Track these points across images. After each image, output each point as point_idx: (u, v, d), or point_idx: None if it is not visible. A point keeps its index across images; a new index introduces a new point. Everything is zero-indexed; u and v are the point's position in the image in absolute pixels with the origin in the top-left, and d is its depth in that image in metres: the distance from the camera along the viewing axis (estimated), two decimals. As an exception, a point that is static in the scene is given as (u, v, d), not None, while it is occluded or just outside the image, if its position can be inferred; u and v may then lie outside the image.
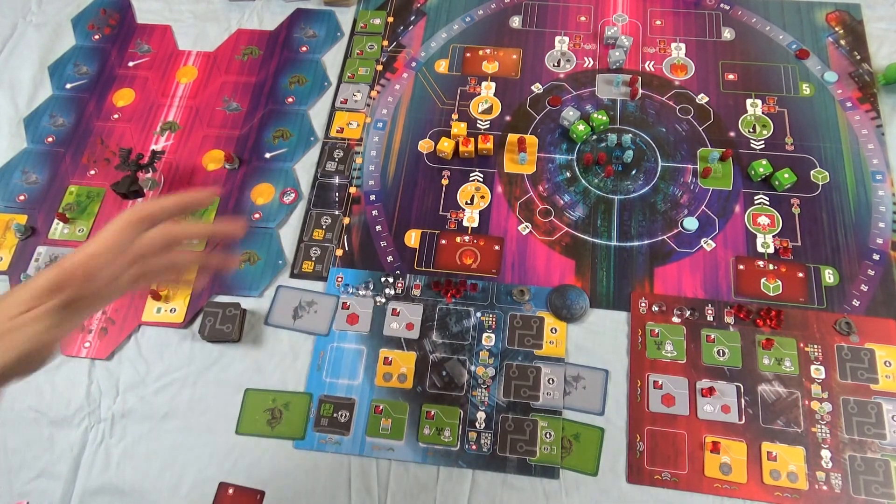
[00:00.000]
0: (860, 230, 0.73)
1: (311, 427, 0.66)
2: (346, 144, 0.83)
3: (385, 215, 0.77)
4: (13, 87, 0.90)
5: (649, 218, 0.75)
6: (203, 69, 0.90)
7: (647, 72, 0.85)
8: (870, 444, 0.62)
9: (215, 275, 0.74)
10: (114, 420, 0.68)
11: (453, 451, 0.64)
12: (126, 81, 0.90)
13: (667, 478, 0.62)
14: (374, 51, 0.90)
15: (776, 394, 0.65)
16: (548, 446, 0.64)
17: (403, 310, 0.71)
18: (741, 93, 0.83)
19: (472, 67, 0.87)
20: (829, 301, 0.69)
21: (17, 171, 0.83)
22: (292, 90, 0.87)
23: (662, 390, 0.65)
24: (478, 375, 0.67)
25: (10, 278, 0.76)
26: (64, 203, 0.80)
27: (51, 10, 0.97)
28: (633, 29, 0.89)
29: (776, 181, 0.75)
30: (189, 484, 0.65)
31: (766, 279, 0.70)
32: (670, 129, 0.81)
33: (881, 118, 0.79)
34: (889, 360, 0.65)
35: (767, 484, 0.61)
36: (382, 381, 0.68)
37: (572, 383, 0.67)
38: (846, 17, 0.87)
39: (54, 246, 0.77)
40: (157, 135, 0.85)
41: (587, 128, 0.80)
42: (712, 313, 0.69)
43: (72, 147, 0.85)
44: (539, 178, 0.79)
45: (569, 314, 0.70)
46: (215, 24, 0.94)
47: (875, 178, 0.76)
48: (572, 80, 0.85)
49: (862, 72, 0.82)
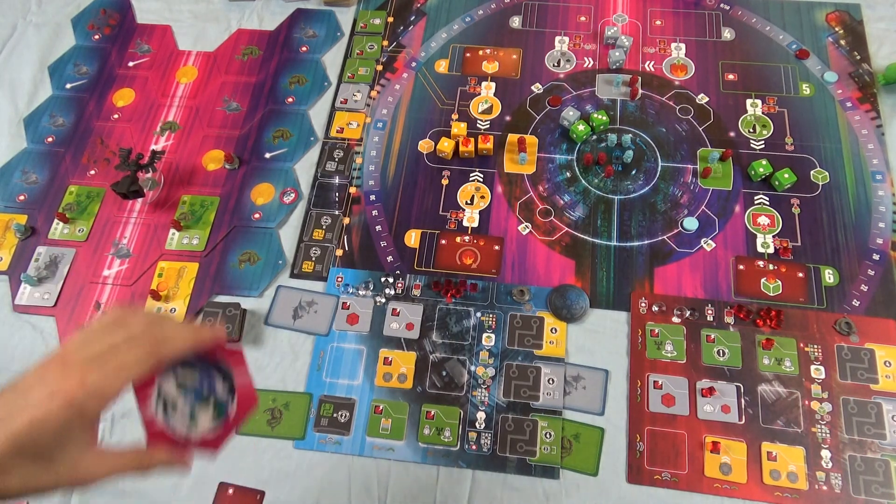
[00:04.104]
0: (860, 230, 0.73)
1: (311, 427, 0.66)
2: (346, 144, 0.83)
3: (385, 215, 0.77)
4: (13, 87, 0.90)
5: (649, 218, 0.75)
6: (203, 69, 0.90)
7: (647, 72, 0.85)
8: (870, 444, 0.62)
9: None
10: (114, 420, 0.68)
11: (453, 451, 0.64)
12: (126, 81, 0.90)
13: (667, 478, 0.62)
14: (374, 51, 0.90)
15: (776, 394, 0.65)
16: (548, 446, 0.64)
17: (403, 310, 0.71)
18: (741, 93, 0.83)
19: (472, 67, 0.87)
20: (829, 301, 0.69)
21: (17, 171, 0.83)
22: (292, 90, 0.87)
23: (662, 390, 0.65)
24: (478, 375, 0.67)
25: (10, 278, 0.76)
26: (64, 203, 0.80)
27: (51, 10, 0.97)
28: (633, 29, 0.89)
29: (776, 181, 0.75)
30: (189, 484, 0.65)
31: (766, 279, 0.70)
32: (670, 129, 0.81)
33: (881, 118, 0.79)
34: (889, 360, 0.65)
35: (767, 484, 0.61)
36: (382, 381, 0.68)
37: (572, 383, 0.67)
38: (846, 17, 0.87)
39: (54, 246, 0.77)
40: (157, 135, 0.85)
41: (587, 128, 0.80)
42: (712, 313, 0.69)
43: (72, 147, 0.85)
44: (539, 178, 0.79)
45: (569, 314, 0.70)
46: (215, 24, 0.94)
47: (875, 178, 0.76)
48: (572, 80, 0.85)
49: (862, 72, 0.82)
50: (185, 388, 0.41)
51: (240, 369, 0.41)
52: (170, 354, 0.38)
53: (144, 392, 0.39)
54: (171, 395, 0.40)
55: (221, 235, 0.77)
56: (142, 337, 0.36)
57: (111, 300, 0.74)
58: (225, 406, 0.41)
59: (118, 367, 0.35)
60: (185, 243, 0.76)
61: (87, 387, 0.33)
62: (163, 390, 0.40)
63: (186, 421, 0.40)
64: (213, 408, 0.41)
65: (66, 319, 0.73)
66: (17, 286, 0.75)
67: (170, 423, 0.39)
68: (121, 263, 0.76)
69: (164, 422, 0.39)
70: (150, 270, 0.75)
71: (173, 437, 0.39)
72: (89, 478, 0.35)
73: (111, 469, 0.36)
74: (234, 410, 0.41)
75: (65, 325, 0.73)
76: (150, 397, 0.39)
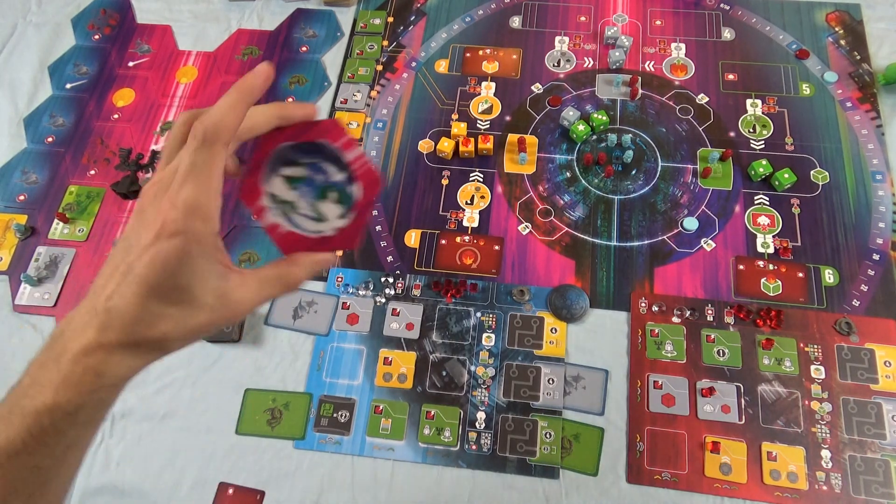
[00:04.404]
0: (860, 230, 0.73)
1: (311, 427, 0.66)
2: (346, 144, 0.83)
3: (385, 215, 0.77)
4: (13, 87, 0.90)
5: (649, 218, 0.75)
6: (203, 69, 0.90)
7: (647, 72, 0.85)
8: (870, 444, 0.62)
9: None
10: (114, 420, 0.68)
11: (453, 451, 0.64)
12: (126, 81, 0.90)
13: (667, 478, 0.62)
14: (374, 51, 0.90)
15: (776, 394, 0.65)
16: (548, 446, 0.64)
17: (403, 310, 0.71)
18: (741, 93, 0.83)
19: (472, 67, 0.87)
20: (829, 301, 0.69)
21: (17, 171, 0.83)
22: (292, 90, 0.87)
23: (662, 390, 0.65)
24: (478, 375, 0.67)
25: (9, 278, 0.76)
26: (64, 203, 0.80)
27: (51, 10, 0.97)
28: (633, 29, 0.89)
29: (776, 181, 0.75)
30: (189, 484, 0.65)
31: (766, 279, 0.70)
32: (670, 129, 0.81)
33: (881, 118, 0.79)
34: (889, 360, 0.65)
35: (767, 484, 0.61)
36: (382, 381, 0.68)
37: (572, 383, 0.67)
38: (846, 17, 0.87)
39: (54, 246, 0.77)
40: (157, 135, 0.85)
41: (587, 128, 0.80)
42: (712, 313, 0.69)
43: (72, 147, 0.85)
44: (539, 178, 0.79)
45: (569, 314, 0.70)
46: (215, 24, 0.94)
47: (875, 178, 0.76)
48: (572, 80, 0.85)
49: (862, 72, 0.82)
50: (295, 184, 0.36)
51: (347, 145, 0.35)
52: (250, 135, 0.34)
53: (254, 203, 0.35)
54: (285, 197, 0.35)
55: (222, 235, 0.77)
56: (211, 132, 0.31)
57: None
58: (347, 192, 0.36)
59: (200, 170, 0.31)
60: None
61: (182, 207, 0.30)
62: (275, 195, 0.35)
63: (312, 217, 0.35)
64: (337, 197, 0.36)
65: (66, 319, 0.73)
66: (17, 286, 0.75)
67: (296, 226, 0.35)
68: (121, 263, 0.76)
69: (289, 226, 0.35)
70: (150, 270, 0.75)
71: (306, 238, 0.35)
72: (241, 305, 0.33)
73: (259, 291, 0.34)
74: (359, 193, 0.35)
75: (65, 325, 0.72)
76: (265, 207, 0.35)
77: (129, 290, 0.30)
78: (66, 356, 0.30)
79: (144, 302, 0.30)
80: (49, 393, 0.30)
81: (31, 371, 0.31)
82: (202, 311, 0.32)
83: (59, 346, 0.31)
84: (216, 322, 0.32)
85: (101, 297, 0.31)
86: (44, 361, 0.31)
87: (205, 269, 0.31)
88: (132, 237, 0.31)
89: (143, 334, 0.31)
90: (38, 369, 0.31)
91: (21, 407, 0.30)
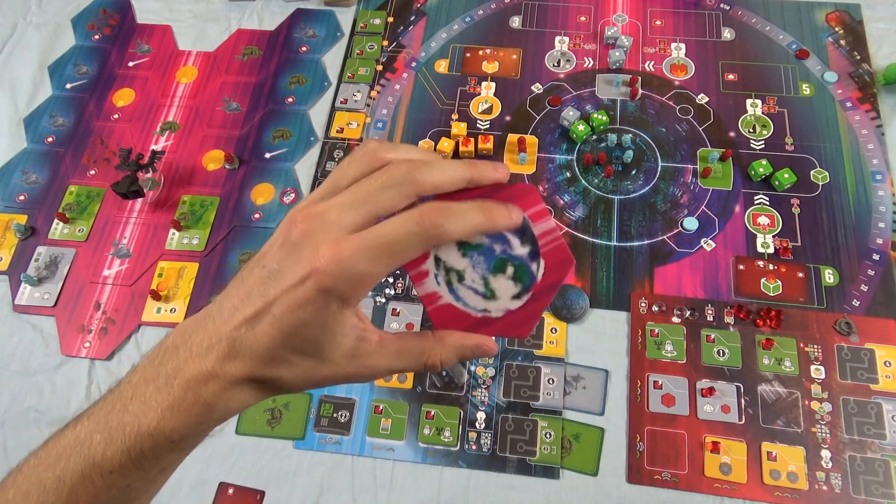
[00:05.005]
0: (860, 230, 0.73)
1: (311, 427, 0.66)
2: (347, 144, 0.83)
3: (385, 215, 0.77)
4: (13, 87, 0.90)
5: (649, 218, 0.75)
6: (203, 69, 0.90)
7: (647, 72, 0.85)
8: (870, 444, 0.62)
9: None
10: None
11: (453, 451, 0.64)
12: (126, 81, 0.90)
13: (667, 478, 0.62)
14: (374, 51, 0.90)
15: (776, 394, 0.65)
16: (548, 446, 0.64)
17: (403, 310, 0.71)
18: (741, 93, 0.83)
19: (472, 67, 0.87)
20: (829, 301, 0.69)
21: (17, 171, 0.83)
22: (292, 90, 0.87)
23: (662, 390, 0.65)
24: (478, 375, 0.67)
25: (10, 278, 0.76)
26: (64, 203, 0.80)
27: (51, 10, 0.97)
28: (633, 29, 0.89)
29: (776, 181, 0.75)
30: (189, 484, 0.64)
31: (766, 279, 0.70)
32: (670, 129, 0.81)
33: (881, 118, 0.79)
34: (889, 360, 0.65)
35: (767, 484, 0.61)
36: (382, 381, 0.68)
37: (572, 383, 0.67)
38: (846, 17, 0.87)
39: (54, 246, 0.77)
40: (157, 135, 0.85)
41: (587, 128, 0.80)
42: (712, 313, 0.69)
43: (72, 147, 0.85)
44: (539, 178, 0.79)
45: (569, 314, 0.70)
46: (215, 24, 0.94)
47: (875, 178, 0.76)
48: (572, 80, 0.85)
49: (862, 72, 0.82)
50: (469, 251, 0.31)
51: (538, 216, 0.30)
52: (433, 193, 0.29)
53: (417, 266, 0.31)
54: (453, 264, 0.31)
55: (221, 235, 0.77)
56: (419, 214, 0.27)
57: (111, 300, 0.74)
58: (527, 269, 0.31)
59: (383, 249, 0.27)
60: (185, 243, 0.76)
61: (345, 271, 0.26)
62: (442, 260, 0.31)
63: (481, 292, 0.31)
64: (514, 272, 0.31)
65: (66, 319, 0.73)
66: (17, 286, 0.75)
67: (459, 299, 0.31)
68: (121, 263, 0.76)
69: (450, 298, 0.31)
70: (150, 270, 0.75)
71: (467, 315, 0.31)
72: (372, 371, 0.31)
73: (393, 361, 0.31)
74: (541, 272, 0.31)
75: (65, 325, 0.73)
76: (427, 272, 0.31)
77: (262, 328, 0.28)
78: (179, 380, 0.28)
79: (277, 345, 0.28)
80: (154, 417, 0.28)
81: (135, 382, 0.29)
82: (329, 366, 0.30)
83: (172, 366, 0.29)
84: (343, 380, 0.31)
85: (229, 324, 0.28)
86: (151, 377, 0.29)
87: (340, 329, 0.29)
88: (274, 264, 0.28)
89: (266, 374, 0.29)
90: (144, 385, 0.29)
91: (123, 425, 0.29)
